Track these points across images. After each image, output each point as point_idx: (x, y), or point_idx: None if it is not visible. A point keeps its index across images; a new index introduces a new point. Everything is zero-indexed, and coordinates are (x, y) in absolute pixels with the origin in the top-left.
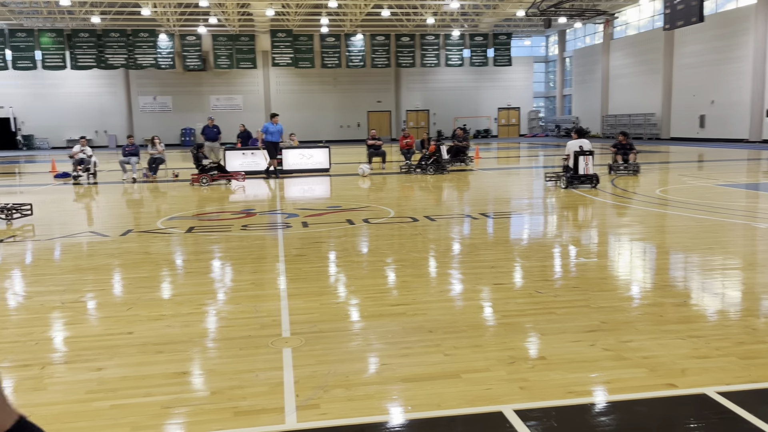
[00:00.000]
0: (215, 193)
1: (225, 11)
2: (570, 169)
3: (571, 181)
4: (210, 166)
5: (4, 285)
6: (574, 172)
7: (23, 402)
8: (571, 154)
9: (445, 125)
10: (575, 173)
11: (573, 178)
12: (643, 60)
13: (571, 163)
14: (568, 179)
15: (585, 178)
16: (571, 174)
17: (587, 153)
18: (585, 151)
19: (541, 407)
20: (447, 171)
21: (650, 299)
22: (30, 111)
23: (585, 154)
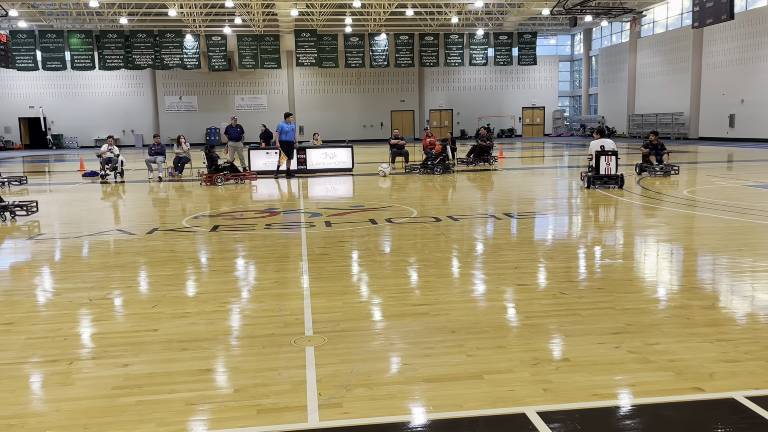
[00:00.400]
0: (238, 193)
1: (250, 12)
2: (593, 168)
3: (593, 181)
4: (223, 166)
5: (34, 282)
6: (596, 172)
7: (51, 397)
8: (593, 155)
9: (469, 125)
10: (597, 173)
11: (595, 179)
12: (671, 59)
13: (593, 163)
14: (590, 179)
15: (608, 178)
16: (593, 174)
17: (609, 153)
18: (607, 151)
19: (565, 409)
20: (453, 171)
21: (677, 301)
22: (59, 111)
23: (607, 154)
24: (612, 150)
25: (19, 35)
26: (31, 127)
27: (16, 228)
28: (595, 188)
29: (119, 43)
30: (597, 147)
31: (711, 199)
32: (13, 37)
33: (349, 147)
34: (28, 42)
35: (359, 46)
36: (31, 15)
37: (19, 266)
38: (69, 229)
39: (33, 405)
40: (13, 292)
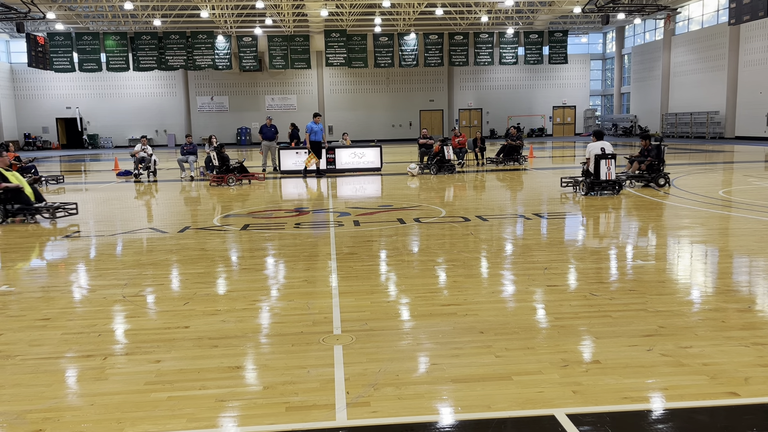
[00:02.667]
0: (262, 192)
1: (280, 12)
2: (590, 173)
3: (592, 187)
4: (233, 166)
5: (70, 278)
6: (596, 177)
7: (86, 391)
8: (591, 158)
9: (499, 124)
10: (596, 178)
11: (594, 184)
12: (707, 56)
13: (591, 167)
14: (589, 185)
15: (606, 183)
16: (592, 179)
17: (609, 156)
18: (607, 154)
19: (595, 412)
20: (455, 171)
21: (712, 304)
22: (95, 111)
23: (607, 158)
24: (612, 153)
25: (57, 37)
26: (67, 127)
27: (54, 225)
28: (595, 195)
29: (153, 45)
30: (597, 150)
31: (748, 199)
32: (51, 39)
33: (377, 147)
34: (65, 44)
35: (388, 45)
36: (68, 17)
37: (55, 263)
38: (103, 227)
39: (68, 399)
40: (50, 289)
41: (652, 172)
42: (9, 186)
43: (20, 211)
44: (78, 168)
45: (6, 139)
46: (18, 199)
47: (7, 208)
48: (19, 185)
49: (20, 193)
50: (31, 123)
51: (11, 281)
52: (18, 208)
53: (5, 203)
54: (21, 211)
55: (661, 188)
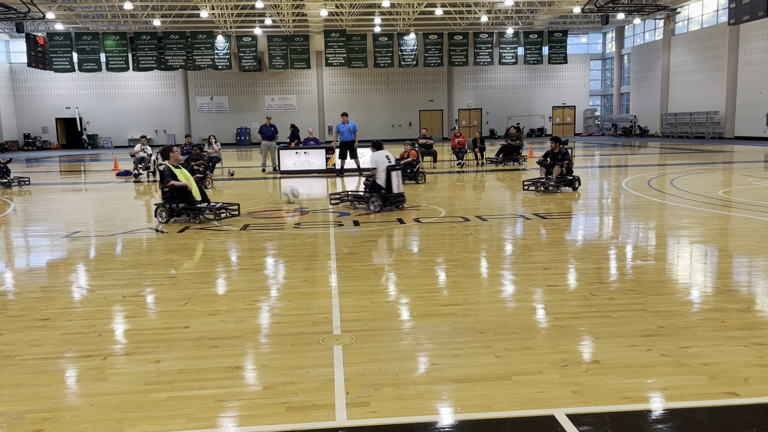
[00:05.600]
0: (267, 192)
1: (280, 12)
2: (381, 187)
3: (385, 202)
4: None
5: (70, 278)
6: (387, 191)
7: (86, 391)
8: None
9: (498, 124)
10: (389, 192)
11: (387, 198)
12: (706, 56)
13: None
14: (383, 198)
15: (397, 197)
16: (385, 193)
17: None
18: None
19: (595, 412)
20: (424, 180)
21: (711, 304)
22: (94, 111)
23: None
24: (396, 164)
25: (56, 37)
26: (67, 127)
27: (220, 224)
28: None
29: (152, 45)
30: (385, 160)
31: (747, 200)
32: (50, 39)
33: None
34: (65, 44)
35: (388, 45)
36: (68, 17)
37: (55, 263)
38: (103, 227)
39: (68, 399)
40: (49, 289)
41: (569, 175)
42: (175, 184)
43: (185, 210)
44: (78, 168)
45: (6, 139)
46: (184, 199)
47: (173, 206)
48: (187, 184)
49: (187, 193)
50: (30, 123)
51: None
52: (182, 208)
53: (171, 202)
54: (185, 210)
55: (575, 191)
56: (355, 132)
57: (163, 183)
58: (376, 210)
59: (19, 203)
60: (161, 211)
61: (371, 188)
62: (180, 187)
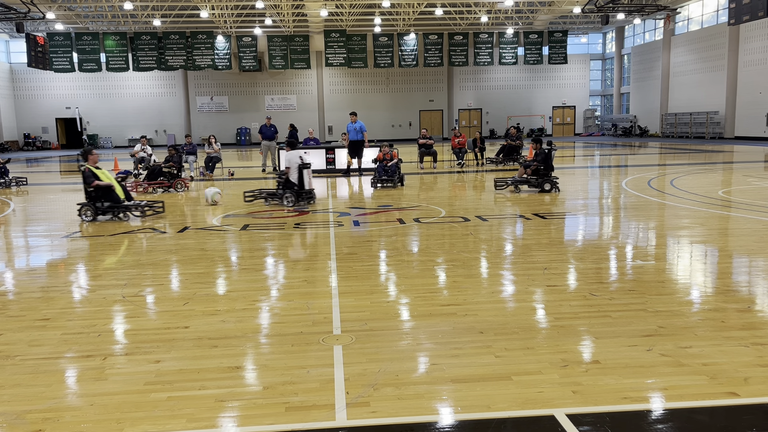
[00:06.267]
0: None
1: (280, 12)
2: (294, 184)
3: (298, 199)
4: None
5: (70, 278)
6: (300, 187)
7: (86, 391)
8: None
9: (498, 124)
10: (301, 188)
11: (299, 194)
12: (707, 56)
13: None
14: (296, 194)
15: (309, 192)
16: (297, 189)
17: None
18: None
19: (595, 412)
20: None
21: (711, 304)
22: (95, 111)
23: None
24: (308, 163)
25: (56, 37)
26: (67, 127)
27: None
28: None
29: (152, 45)
30: (297, 160)
31: (747, 200)
32: (51, 40)
33: (377, 147)
34: (65, 44)
35: (388, 45)
36: (68, 17)
37: (55, 263)
38: (102, 228)
39: (68, 399)
40: (49, 289)
41: (539, 176)
42: (100, 184)
43: (110, 209)
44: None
45: (6, 139)
46: (109, 198)
47: (98, 205)
48: (111, 183)
49: (111, 192)
50: (30, 123)
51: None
52: (108, 206)
53: (96, 201)
54: (111, 209)
55: (547, 193)
56: (363, 132)
57: (87, 183)
58: (289, 205)
59: (19, 203)
60: (86, 210)
61: (284, 185)
62: (105, 186)
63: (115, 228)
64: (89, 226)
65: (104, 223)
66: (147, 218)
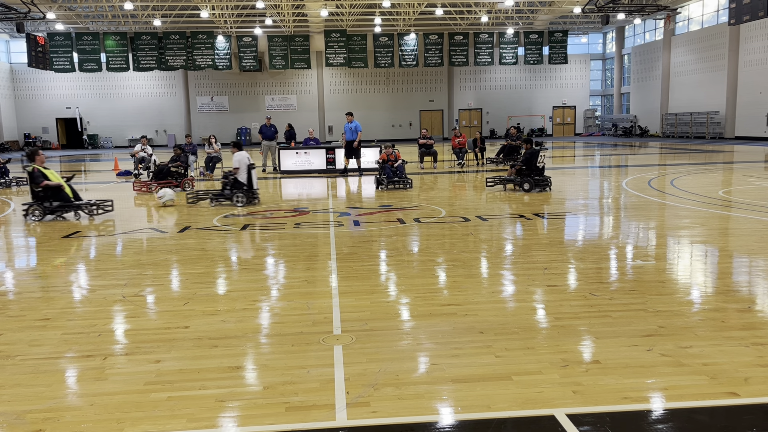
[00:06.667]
0: (268, 192)
1: (280, 12)
2: (243, 184)
3: (249, 198)
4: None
5: (70, 278)
6: (249, 187)
7: (86, 391)
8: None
9: (499, 124)
10: (250, 188)
11: (249, 194)
12: (707, 56)
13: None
14: (246, 194)
15: (255, 192)
16: (247, 189)
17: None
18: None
19: (595, 412)
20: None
21: (711, 304)
22: (95, 111)
23: (254, 168)
24: (254, 163)
25: (57, 37)
26: (67, 127)
27: (91, 221)
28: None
29: (153, 45)
30: (246, 160)
31: (748, 200)
32: (51, 40)
33: (378, 147)
34: (65, 44)
35: (388, 45)
36: (68, 18)
37: (55, 263)
38: (103, 227)
39: (68, 399)
40: (50, 289)
41: (522, 176)
42: (49, 184)
43: (60, 208)
44: (78, 168)
45: (6, 139)
46: (58, 197)
47: (46, 205)
48: (60, 183)
49: (60, 191)
50: (31, 123)
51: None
52: (58, 206)
53: (44, 201)
54: (61, 208)
55: (527, 193)
56: (357, 132)
57: (36, 183)
58: (240, 204)
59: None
60: (34, 210)
61: (233, 186)
62: (54, 186)
63: (68, 229)
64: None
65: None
66: (95, 217)
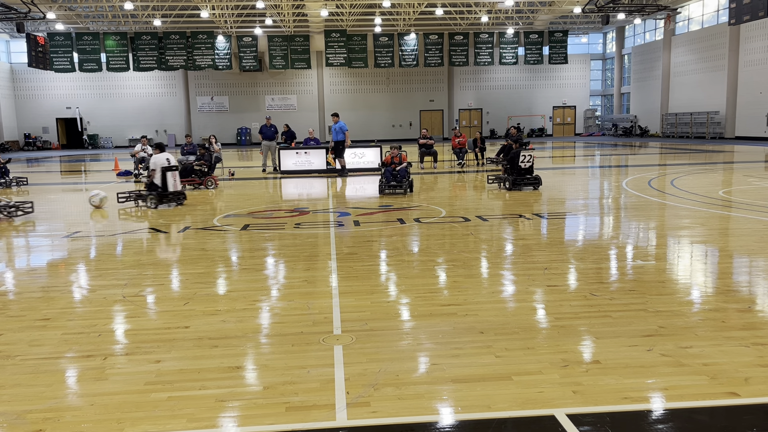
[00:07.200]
0: (264, 192)
1: (280, 12)
2: (157, 186)
3: (161, 199)
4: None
5: (70, 278)
6: (164, 189)
7: (86, 391)
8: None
9: (499, 124)
10: (164, 190)
11: (162, 196)
12: (707, 56)
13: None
14: (158, 196)
15: (174, 194)
16: (160, 191)
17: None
18: (172, 166)
19: (595, 412)
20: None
21: (712, 304)
22: (95, 111)
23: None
24: (175, 165)
25: (57, 37)
26: (67, 127)
27: (10, 223)
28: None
29: (153, 45)
30: (163, 162)
31: (748, 200)
32: (51, 40)
33: (377, 147)
34: (65, 44)
35: (388, 45)
36: (68, 18)
37: (55, 263)
38: (103, 227)
39: (68, 399)
40: (50, 289)
41: (506, 173)
42: None
43: None
44: (78, 168)
45: (6, 139)
46: None
47: None
48: None
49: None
50: (31, 123)
51: None
52: None
53: None
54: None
55: (508, 191)
56: (343, 131)
57: None
58: (152, 206)
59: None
60: None
61: (149, 187)
62: None
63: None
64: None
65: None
66: (15, 219)
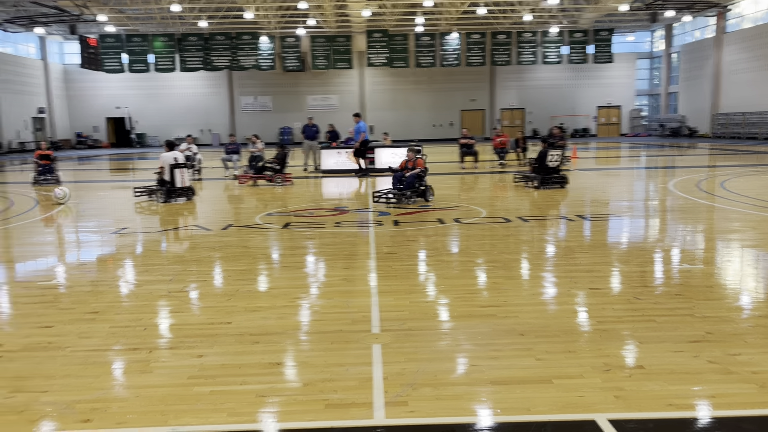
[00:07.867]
0: (304, 191)
1: (323, 13)
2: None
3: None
4: (263, 166)
5: (118, 273)
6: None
7: (132, 383)
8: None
9: (542, 124)
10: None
11: (170, 192)
12: (760, 54)
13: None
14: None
15: (182, 190)
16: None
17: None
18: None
19: (638, 418)
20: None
21: (763, 310)
22: (143, 111)
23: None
24: (183, 163)
25: (107, 39)
26: (117, 126)
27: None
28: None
29: (199, 46)
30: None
31: None
32: (102, 41)
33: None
34: (116, 45)
35: (430, 45)
36: (119, 20)
37: (104, 258)
38: (149, 224)
39: (115, 390)
40: (99, 283)
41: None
42: None
43: None
44: (126, 166)
45: (59, 137)
46: None
47: None
48: None
49: None
50: (82, 122)
51: None
52: None
53: None
54: None
55: (535, 189)
56: (360, 132)
57: None
58: (161, 201)
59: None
60: None
61: (159, 183)
62: None
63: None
64: None
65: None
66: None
